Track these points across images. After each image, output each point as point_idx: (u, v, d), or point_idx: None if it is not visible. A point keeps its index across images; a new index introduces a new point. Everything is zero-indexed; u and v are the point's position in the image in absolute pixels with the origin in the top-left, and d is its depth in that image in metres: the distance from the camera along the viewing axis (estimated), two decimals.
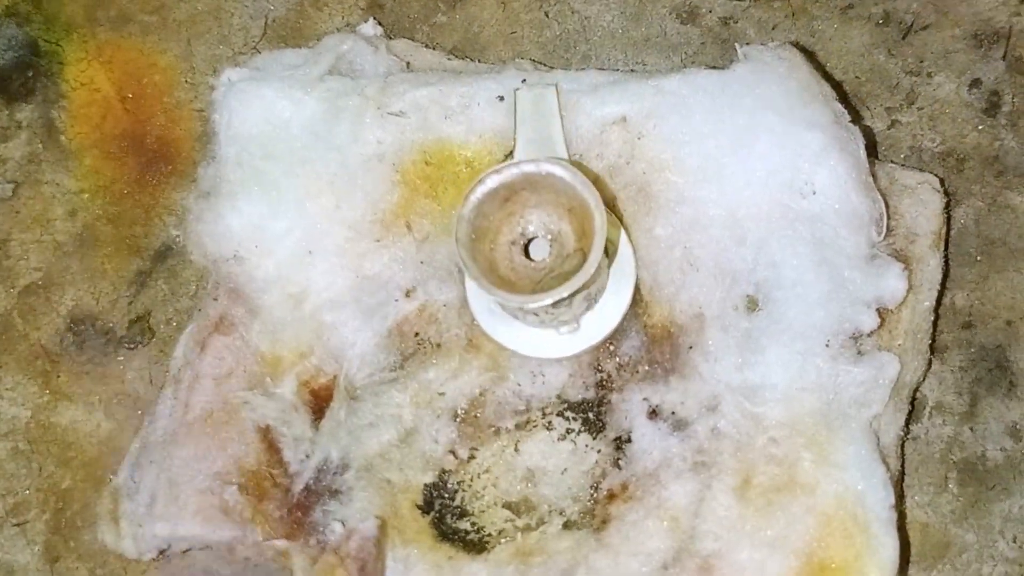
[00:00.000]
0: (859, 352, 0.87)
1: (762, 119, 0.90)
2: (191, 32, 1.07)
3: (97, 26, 1.07)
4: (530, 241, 0.84)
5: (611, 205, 0.90)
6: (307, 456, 0.88)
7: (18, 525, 0.95)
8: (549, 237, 0.83)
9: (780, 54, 0.93)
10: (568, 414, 0.88)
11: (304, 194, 0.91)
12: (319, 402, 0.89)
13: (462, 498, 0.87)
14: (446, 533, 0.86)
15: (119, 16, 1.07)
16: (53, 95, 1.05)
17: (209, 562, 0.93)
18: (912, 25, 1.03)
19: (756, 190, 0.89)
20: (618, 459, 0.87)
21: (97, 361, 0.99)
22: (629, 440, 0.87)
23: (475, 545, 0.86)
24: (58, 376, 0.99)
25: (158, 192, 1.03)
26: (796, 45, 0.96)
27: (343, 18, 1.07)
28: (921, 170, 0.95)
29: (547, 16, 1.06)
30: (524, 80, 0.93)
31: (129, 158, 1.03)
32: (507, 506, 0.87)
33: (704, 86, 0.91)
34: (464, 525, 0.87)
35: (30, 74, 1.06)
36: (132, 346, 0.99)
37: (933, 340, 0.94)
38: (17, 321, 1.00)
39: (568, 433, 0.88)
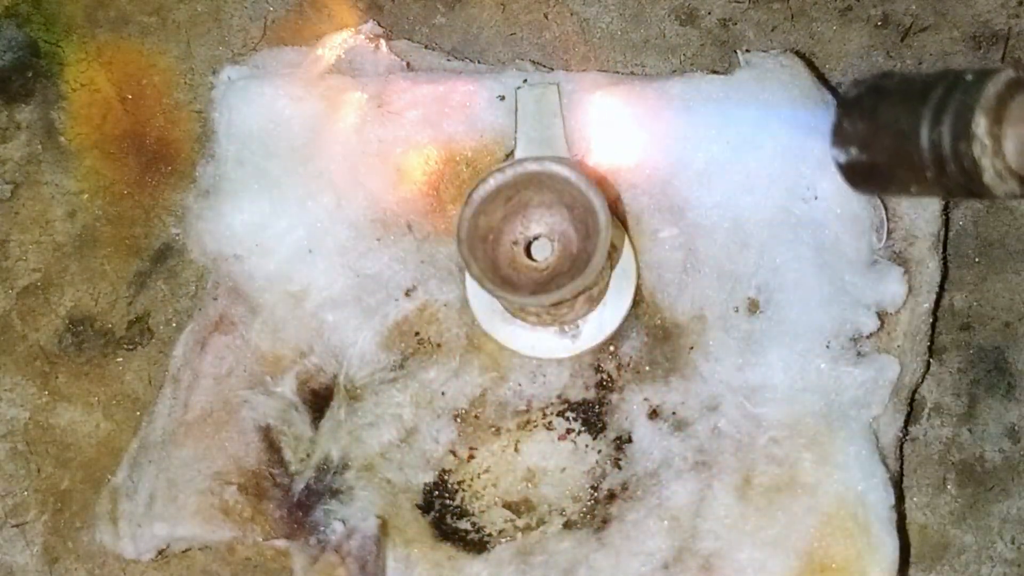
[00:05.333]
0: (859, 354, 0.87)
1: (765, 125, 0.90)
2: (190, 33, 1.07)
3: (97, 27, 1.07)
4: (532, 241, 0.84)
5: (614, 206, 0.90)
6: (307, 456, 0.88)
7: (17, 526, 0.95)
8: (552, 237, 0.83)
9: (782, 61, 0.93)
10: (568, 414, 0.88)
11: (305, 193, 0.91)
12: (319, 401, 0.89)
13: (462, 498, 0.87)
14: (446, 533, 0.86)
15: (119, 17, 1.07)
16: (53, 96, 1.05)
17: (208, 562, 0.93)
18: (911, 27, 1.03)
19: (759, 195, 0.89)
20: (619, 459, 0.87)
21: (96, 362, 0.99)
22: (630, 440, 0.87)
23: (475, 545, 0.86)
24: (57, 377, 0.98)
25: (157, 193, 1.02)
26: (796, 52, 0.96)
27: (342, 19, 1.06)
28: None
29: (546, 18, 1.06)
30: (525, 80, 0.93)
31: (129, 159, 1.03)
32: (507, 506, 0.87)
33: (708, 91, 0.92)
34: (464, 525, 0.87)
35: (30, 75, 1.06)
36: (131, 347, 0.99)
37: (932, 342, 0.94)
38: (16, 322, 1.00)
39: (568, 433, 0.88)
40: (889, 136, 0.64)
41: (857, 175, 0.69)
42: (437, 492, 0.87)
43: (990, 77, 0.59)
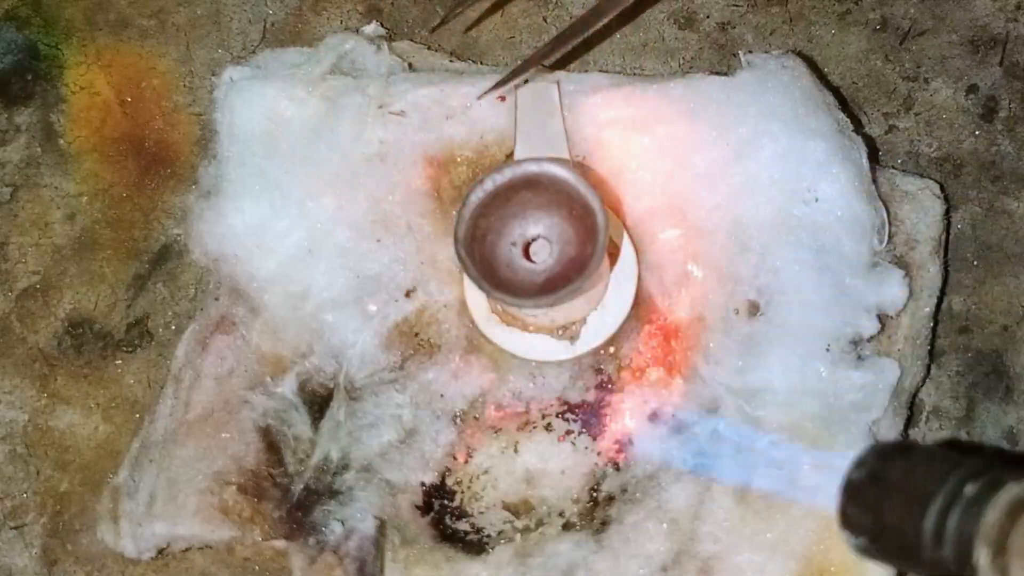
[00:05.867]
0: (859, 357, 0.87)
1: (767, 127, 0.90)
2: (190, 36, 1.07)
3: (96, 30, 1.07)
4: (531, 242, 0.84)
5: (614, 207, 0.90)
6: (307, 456, 0.88)
7: (16, 528, 0.95)
8: (550, 239, 0.83)
9: (784, 63, 0.93)
10: (568, 416, 0.88)
11: (305, 193, 0.91)
12: (319, 402, 0.89)
13: (461, 499, 0.87)
14: (445, 534, 0.86)
15: (118, 20, 1.07)
16: (52, 99, 1.05)
17: (207, 564, 0.93)
18: (909, 31, 1.03)
19: (760, 197, 0.89)
20: (618, 461, 0.87)
21: (95, 364, 0.99)
22: (629, 442, 0.87)
23: (474, 546, 0.86)
24: (56, 379, 0.98)
25: (157, 196, 1.02)
26: (798, 54, 0.96)
27: (341, 22, 1.06)
28: (921, 175, 0.95)
29: (545, 21, 1.06)
30: (526, 80, 0.93)
31: (128, 162, 1.03)
32: (506, 507, 0.87)
33: (709, 92, 0.92)
34: (463, 526, 0.87)
35: (29, 78, 1.06)
36: (130, 350, 0.99)
37: (932, 345, 0.94)
38: (15, 324, 1.00)
39: (568, 435, 0.88)
40: (894, 540, 0.63)
41: (869, 556, 0.68)
42: (436, 493, 0.87)
43: (990, 499, 0.57)
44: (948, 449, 0.66)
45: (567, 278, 0.79)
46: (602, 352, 0.89)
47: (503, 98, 0.93)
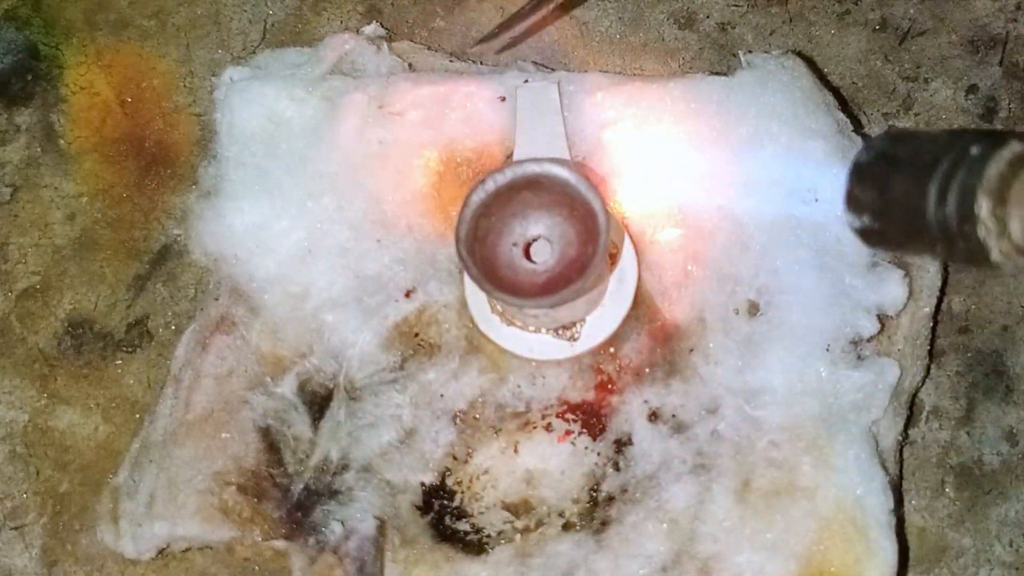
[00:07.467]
0: (859, 357, 0.87)
1: (767, 127, 0.90)
2: (190, 36, 1.07)
3: (96, 30, 1.07)
4: (531, 243, 0.84)
5: (614, 208, 0.90)
6: (307, 456, 0.88)
7: (16, 529, 0.95)
8: (551, 239, 0.83)
9: (783, 63, 0.93)
10: (568, 416, 0.88)
11: (305, 193, 0.91)
12: (319, 402, 0.89)
13: (461, 499, 0.87)
14: (445, 534, 0.86)
15: (118, 20, 1.07)
16: (52, 99, 1.05)
17: (207, 564, 0.93)
18: (909, 31, 1.03)
19: (760, 197, 0.89)
20: (618, 461, 0.87)
21: (95, 365, 0.99)
22: (629, 442, 0.87)
23: (474, 546, 0.86)
24: (56, 380, 0.98)
25: (157, 196, 1.02)
26: (798, 54, 0.96)
27: (341, 23, 1.07)
28: None
29: (544, 21, 1.06)
30: (527, 80, 0.93)
31: (128, 162, 1.03)
32: (506, 507, 0.87)
33: (709, 92, 0.92)
34: (463, 526, 0.87)
35: (29, 78, 1.06)
36: (130, 350, 0.99)
37: (931, 345, 0.94)
38: (15, 325, 1.00)
39: (568, 435, 0.88)
40: (899, 210, 0.64)
41: (871, 240, 0.70)
42: (436, 493, 0.87)
43: (993, 155, 0.59)
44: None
45: (568, 278, 0.79)
46: (602, 352, 0.89)
47: (503, 98, 0.93)
